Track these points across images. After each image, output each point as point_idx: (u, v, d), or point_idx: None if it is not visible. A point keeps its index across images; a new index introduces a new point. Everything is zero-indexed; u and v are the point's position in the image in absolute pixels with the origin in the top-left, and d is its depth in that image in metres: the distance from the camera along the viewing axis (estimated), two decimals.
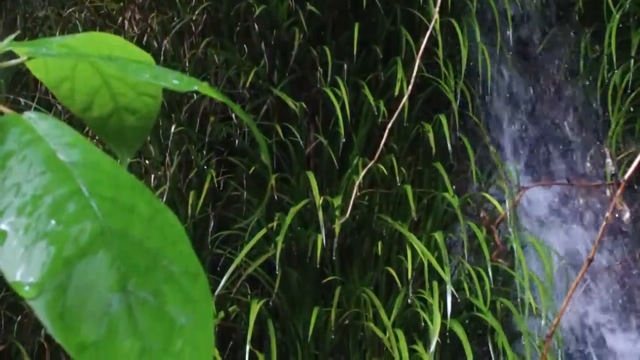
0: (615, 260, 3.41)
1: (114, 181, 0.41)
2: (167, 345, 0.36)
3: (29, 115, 0.44)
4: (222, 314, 2.65)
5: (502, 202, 3.08)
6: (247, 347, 2.43)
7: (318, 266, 2.66)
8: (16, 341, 2.68)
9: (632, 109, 3.42)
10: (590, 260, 1.08)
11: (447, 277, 2.60)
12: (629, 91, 3.39)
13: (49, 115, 0.44)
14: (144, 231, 0.39)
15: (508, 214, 2.92)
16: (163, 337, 0.37)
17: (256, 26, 3.21)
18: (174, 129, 2.99)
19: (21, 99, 3.05)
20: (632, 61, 3.42)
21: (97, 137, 2.26)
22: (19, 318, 2.73)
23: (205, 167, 3.01)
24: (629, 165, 3.24)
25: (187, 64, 3.16)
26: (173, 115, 3.07)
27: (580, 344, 3.23)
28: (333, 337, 2.66)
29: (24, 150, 0.41)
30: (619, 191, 1.13)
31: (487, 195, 2.96)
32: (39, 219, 0.38)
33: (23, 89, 3.16)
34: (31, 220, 0.38)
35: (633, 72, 3.39)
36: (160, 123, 3.01)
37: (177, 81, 0.48)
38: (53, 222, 0.38)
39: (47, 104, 3.08)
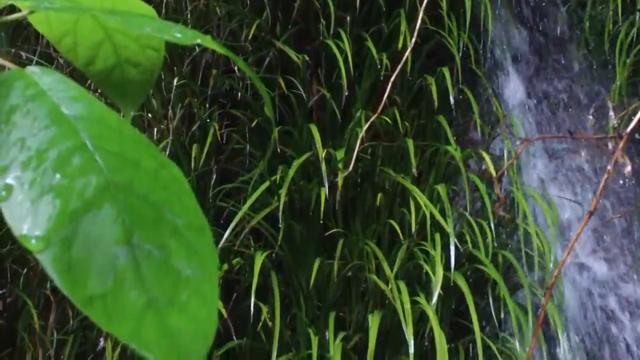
0: (616, 213, 3.42)
1: (119, 135, 0.41)
2: (173, 297, 0.37)
3: (33, 70, 0.44)
4: (225, 266, 2.66)
5: (503, 155, 3.08)
6: (252, 299, 2.45)
7: (321, 219, 2.67)
8: (22, 294, 2.70)
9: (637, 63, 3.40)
10: (592, 213, 1.08)
11: (449, 230, 2.61)
12: (633, 45, 3.37)
13: (53, 69, 0.44)
14: (149, 185, 0.39)
15: (510, 166, 2.92)
16: (169, 290, 0.37)
17: None
18: (176, 82, 2.98)
19: (22, 53, 3.04)
20: (637, 14, 3.39)
21: (99, 91, 2.25)
22: (24, 271, 2.75)
23: (208, 120, 3.01)
24: (632, 118, 3.23)
25: (188, 17, 3.14)
26: (175, 68, 3.05)
27: (583, 296, 3.26)
28: (336, 289, 2.68)
29: (27, 105, 0.41)
30: (621, 144, 1.12)
31: (484, 154, 2.95)
32: (44, 173, 0.38)
33: (24, 42, 3.14)
34: (36, 174, 0.38)
35: (638, 26, 3.36)
36: (163, 76, 2.99)
37: (180, 34, 0.48)
38: (58, 176, 0.38)
39: (48, 57, 3.07)
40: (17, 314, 2.74)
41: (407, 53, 1.96)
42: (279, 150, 2.87)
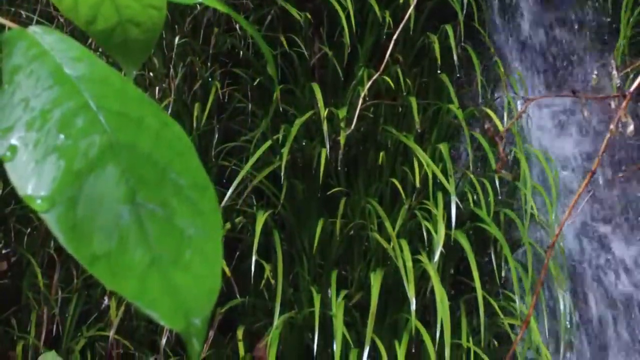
0: (618, 172, 3.42)
1: (122, 95, 0.41)
2: (176, 255, 0.37)
3: (35, 30, 0.44)
4: (228, 225, 2.68)
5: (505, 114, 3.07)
6: (254, 258, 2.46)
7: (323, 178, 2.67)
8: (26, 253, 2.72)
9: None
10: (593, 173, 1.08)
11: (451, 188, 2.61)
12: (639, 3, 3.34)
13: (54, 29, 0.44)
14: (152, 144, 0.39)
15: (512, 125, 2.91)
16: (172, 248, 0.37)
17: None
18: (178, 40, 2.96)
19: (22, 12, 3.02)
20: None
21: (100, 50, 2.24)
22: (28, 230, 2.76)
23: (210, 78, 3.00)
24: (635, 77, 3.21)
25: None
26: (177, 26, 3.03)
27: (583, 254, 3.27)
28: (338, 247, 2.70)
29: (31, 65, 0.41)
30: (624, 103, 1.12)
31: (489, 111, 2.94)
32: (48, 134, 0.39)
33: (24, 0, 3.12)
34: (40, 135, 0.39)
35: None
36: (164, 35, 2.98)
37: None
38: (62, 136, 0.38)
39: (48, 16, 3.05)
40: (21, 273, 2.76)
41: (410, 10, 1.95)
42: (281, 109, 2.86)
